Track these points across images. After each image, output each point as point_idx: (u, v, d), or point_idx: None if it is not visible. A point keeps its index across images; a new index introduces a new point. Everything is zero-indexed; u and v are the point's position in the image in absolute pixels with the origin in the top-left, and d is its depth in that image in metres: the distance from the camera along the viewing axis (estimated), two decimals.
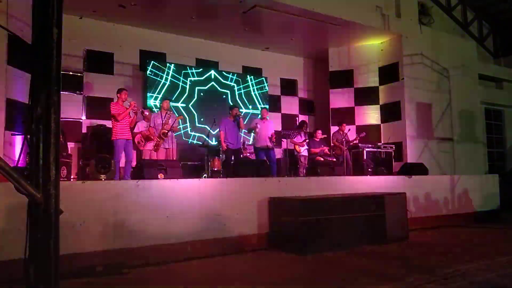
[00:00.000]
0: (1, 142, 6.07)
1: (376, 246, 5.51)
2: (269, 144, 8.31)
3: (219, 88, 10.38)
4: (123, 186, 4.74)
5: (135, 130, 7.60)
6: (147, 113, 7.75)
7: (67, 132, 8.01)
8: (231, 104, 9.55)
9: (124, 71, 9.37)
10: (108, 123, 8.61)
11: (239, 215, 5.30)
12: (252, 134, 8.43)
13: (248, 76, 10.93)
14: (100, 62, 9.09)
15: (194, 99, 10.00)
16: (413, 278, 3.83)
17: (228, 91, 10.52)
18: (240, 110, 8.95)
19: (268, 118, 8.66)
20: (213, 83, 10.30)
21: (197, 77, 10.09)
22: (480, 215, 8.08)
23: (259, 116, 8.63)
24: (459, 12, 12.87)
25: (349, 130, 9.72)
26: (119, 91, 6.90)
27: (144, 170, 5.49)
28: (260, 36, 10.37)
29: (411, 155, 9.84)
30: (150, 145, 7.27)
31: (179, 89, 9.79)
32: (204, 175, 7.95)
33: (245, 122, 9.03)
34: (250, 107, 10.80)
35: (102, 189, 4.55)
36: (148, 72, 9.36)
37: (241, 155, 8.45)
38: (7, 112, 6.25)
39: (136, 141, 7.47)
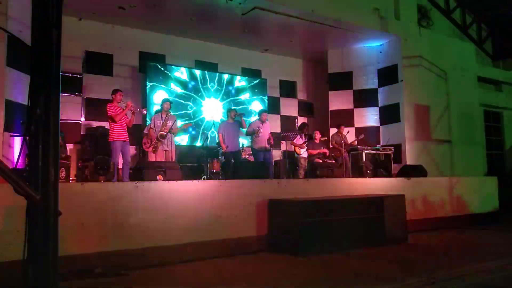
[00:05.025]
0: (0, 143, 6.06)
1: (375, 248, 5.50)
2: (267, 145, 8.33)
3: (217, 89, 10.39)
4: (122, 187, 4.73)
5: (145, 131, 7.59)
6: (145, 112, 7.74)
7: (66, 134, 8.01)
8: (232, 107, 9.53)
9: (123, 72, 9.36)
10: (107, 125, 8.62)
11: (238, 217, 5.30)
12: (251, 136, 8.43)
13: (247, 77, 10.94)
14: (100, 63, 9.08)
15: (192, 101, 10.01)
16: (412, 280, 3.83)
17: (227, 93, 10.53)
18: (240, 112, 8.95)
19: (267, 120, 8.67)
20: (212, 84, 10.32)
21: (195, 78, 10.11)
22: (479, 217, 8.07)
23: (258, 118, 8.63)
24: (458, 15, 12.90)
25: (348, 132, 9.73)
26: (114, 92, 6.87)
27: (143, 171, 5.49)
28: (260, 38, 10.37)
29: (410, 157, 9.85)
30: (151, 147, 7.27)
31: (178, 91, 9.80)
32: (203, 176, 7.94)
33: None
34: (249, 108, 10.81)
35: (101, 190, 4.55)
36: (147, 73, 9.37)
37: (241, 157, 8.45)
38: (7, 114, 6.25)
39: (142, 142, 7.47)
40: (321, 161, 8.88)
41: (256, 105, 10.89)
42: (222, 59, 10.69)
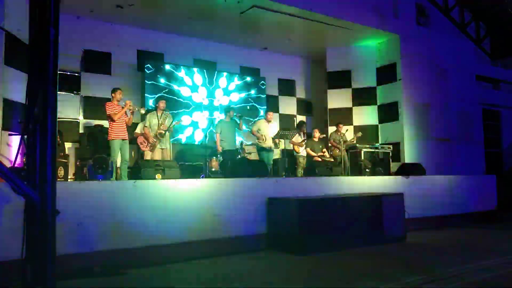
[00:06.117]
0: None
1: (374, 246, 5.51)
2: (272, 145, 8.34)
3: (216, 88, 10.38)
4: (120, 186, 4.73)
5: (137, 131, 7.57)
6: (143, 112, 7.73)
7: (64, 132, 7.99)
8: (230, 106, 9.52)
9: (121, 71, 9.34)
10: (106, 123, 8.60)
11: (237, 216, 5.29)
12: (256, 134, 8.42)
13: (246, 76, 10.92)
14: (98, 62, 9.06)
15: (190, 99, 10.00)
16: (411, 279, 3.83)
17: (226, 91, 10.52)
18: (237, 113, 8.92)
19: (272, 120, 8.67)
20: (210, 82, 10.30)
21: (194, 76, 10.09)
22: (478, 215, 8.09)
23: (264, 118, 8.62)
24: (457, 14, 12.90)
25: (347, 130, 9.72)
26: (114, 90, 6.87)
27: (142, 170, 5.48)
28: (258, 36, 10.36)
29: (409, 156, 9.86)
30: (148, 146, 7.26)
31: (176, 90, 9.78)
32: (202, 175, 7.93)
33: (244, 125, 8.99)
34: (248, 107, 10.80)
35: (99, 189, 4.54)
36: (146, 72, 9.35)
37: (239, 156, 8.44)
38: (4, 112, 6.23)
39: (138, 142, 7.45)
40: (320, 159, 8.88)
41: (255, 104, 10.88)
42: (220, 58, 10.67)
